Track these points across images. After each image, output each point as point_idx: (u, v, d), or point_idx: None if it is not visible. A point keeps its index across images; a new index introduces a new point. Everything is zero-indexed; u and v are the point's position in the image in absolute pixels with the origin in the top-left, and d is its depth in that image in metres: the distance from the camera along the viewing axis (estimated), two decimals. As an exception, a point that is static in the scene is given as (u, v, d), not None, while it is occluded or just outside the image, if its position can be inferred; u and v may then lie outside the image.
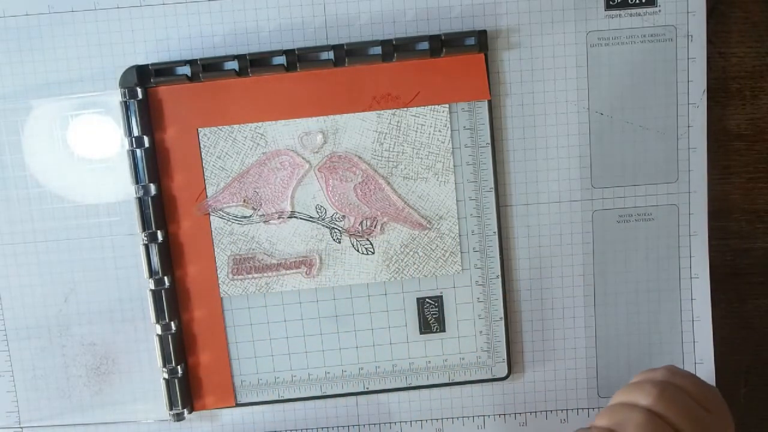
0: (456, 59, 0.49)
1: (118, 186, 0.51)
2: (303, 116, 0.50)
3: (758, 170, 0.53)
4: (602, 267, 0.52)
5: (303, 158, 0.51)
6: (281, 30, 0.50)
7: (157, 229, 0.50)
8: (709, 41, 0.50)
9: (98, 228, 0.51)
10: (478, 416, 0.53)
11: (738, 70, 0.52)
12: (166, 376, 0.51)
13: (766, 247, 0.54)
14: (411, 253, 0.51)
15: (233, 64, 0.49)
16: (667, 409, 0.39)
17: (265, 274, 0.51)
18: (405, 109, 0.50)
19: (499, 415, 0.53)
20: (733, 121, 0.52)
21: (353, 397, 0.53)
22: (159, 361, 0.51)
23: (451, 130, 0.50)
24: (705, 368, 0.53)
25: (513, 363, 0.53)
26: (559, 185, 0.52)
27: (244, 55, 0.49)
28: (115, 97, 0.49)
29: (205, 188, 0.51)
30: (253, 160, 0.50)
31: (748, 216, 0.53)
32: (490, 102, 0.50)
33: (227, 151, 0.50)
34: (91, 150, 0.51)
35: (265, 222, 0.51)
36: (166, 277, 0.50)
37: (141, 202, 0.50)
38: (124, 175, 0.50)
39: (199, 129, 0.50)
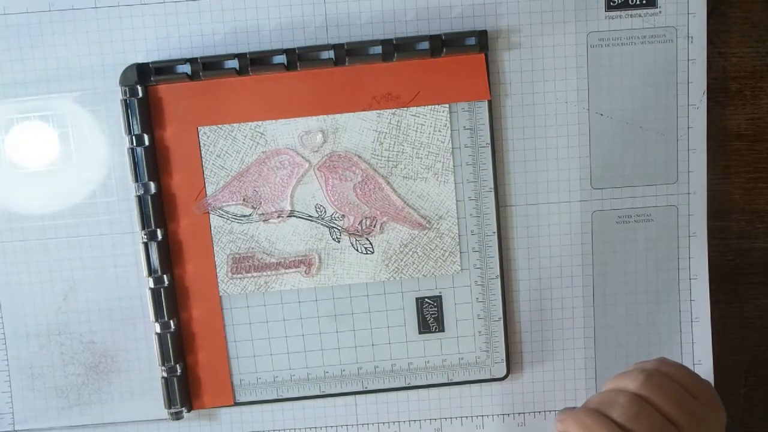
0: (456, 59, 0.49)
1: (118, 184, 0.51)
2: (303, 115, 0.50)
3: (758, 170, 0.53)
4: (601, 268, 0.52)
5: (303, 157, 0.51)
6: (281, 29, 0.50)
7: (156, 227, 0.50)
8: (709, 41, 0.50)
9: (98, 226, 0.51)
10: (477, 416, 0.53)
11: (738, 70, 0.52)
12: (164, 374, 0.51)
13: (766, 247, 0.54)
14: (410, 252, 0.51)
15: (233, 63, 0.49)
16: (653, 393, 0.40)
17: (265, 273, 0.51)
18: (405, 108, 0.50)
19: (498, 415, 0.53)
20: (733, 121, 0.53)
21: (352, 397, 0.53)
22: (158, 360, 0.51)
23: (451, 130, 0.50)
24: (704, 369, 0.53)
25: (512, 363, 0.53)
26: (559, 186, 0.52)
27: (245, 53, 0.49)
28: (116, 95, 0.49)
29: (204, 187, 0.51)
30: (252, 159, 0.50)
31: (748, 216, 0.53)
32: (490, 102, 0.50)
33: (227, 150, 0.50)
34: (91, 147, 0.51)
35: (264, 221, 0.51)
36: (165, 276, 0.50)
37: (141, 200, 0.50)
38: (124, 173, 0.50)
39: (199, 127, 0.50)
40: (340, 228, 0.51)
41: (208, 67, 0.49)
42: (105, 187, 0.51)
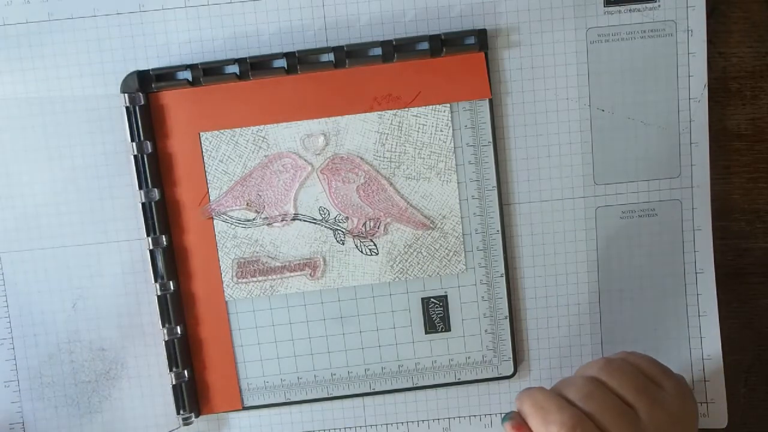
0: (456, 59, 0.49)
1: (122, 191, 0.51)
2: (304, 118, 0.50)
3: (758, 170, 0.53)
4: (606, 263, 0.52)
5: (305, 160, 0.51)
6: (281, 33, 0.50)
7: (161, 233, 0.50)
8: (709, 41, 0.50)
9: (104, 234, 0.51)
10: (485, 415, 0.53)
11: (738, 70, 0.52)
12: (173, 380, 0.51)
13: (766, 247, 0.53)
14: (415, 253, 0.51)
15: (234, 68, 0.49)
16: (610, 377, 0.42)
17: (270, 277, 0.51)
18: (406, 109, 0.50)
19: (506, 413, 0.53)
20: (733, 121, 0.52)
21: (359, 398, 0.53)
22: (166, 366, 0.51)
23: (453, 130, 0.50)
24: (713, 363, 0.52)
25: (519, 361, 0.53)
26: (562, 182, 0.52)
27: (245, 58, 0.49)
28: (117, 103, 0.50)
29: (208, 192, 0.51)
30: (255, 163, 0.51)
31: (748, 216, 0.53)
32: (491, 101, 0.50)
33: (229, 155, 0.50)
34: (95, 156, 0.51)
35: (268, 225, 0.51)
36: (171, 282, 0.50)
37: (145, 207, 0.50)
38: (128, 180, 0.50)
39: (201, 133, 0.50)
40: (344, 230, 0.51)
41: (208, 72, 0.49)
42: (110, 194, 0.51)
